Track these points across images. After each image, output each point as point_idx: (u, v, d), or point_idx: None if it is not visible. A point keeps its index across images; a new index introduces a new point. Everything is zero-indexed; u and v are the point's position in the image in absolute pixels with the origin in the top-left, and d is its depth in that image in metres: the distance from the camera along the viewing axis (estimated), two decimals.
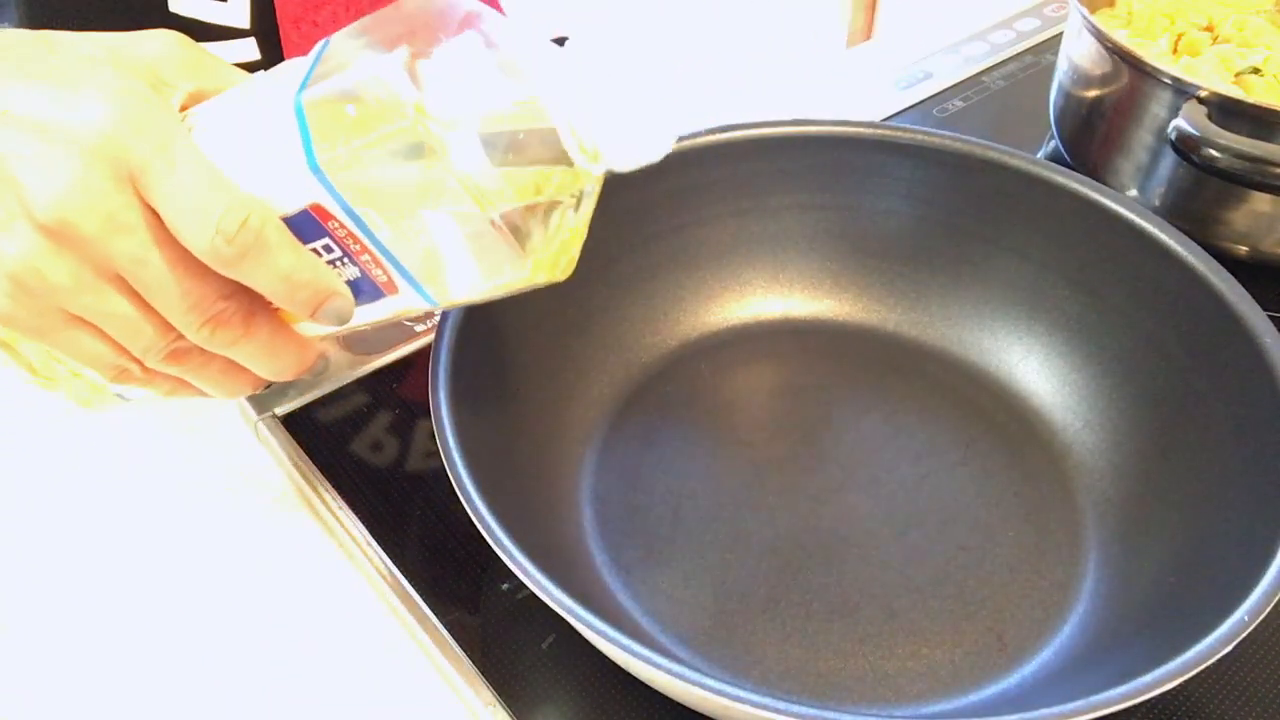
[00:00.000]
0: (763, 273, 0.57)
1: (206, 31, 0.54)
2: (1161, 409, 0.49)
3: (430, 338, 0.50)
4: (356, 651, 0.46)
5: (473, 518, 0.38)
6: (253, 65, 0.54)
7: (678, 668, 0.35)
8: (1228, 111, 0.55)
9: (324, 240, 0.33)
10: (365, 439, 0.53)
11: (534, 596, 0.36)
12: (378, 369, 0.56)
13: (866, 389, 0.55)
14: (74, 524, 0.50)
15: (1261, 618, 0.36)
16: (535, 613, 0.41)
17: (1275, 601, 0.36)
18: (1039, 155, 0.61)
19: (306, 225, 0.33)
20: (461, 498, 0.39)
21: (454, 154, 0.31)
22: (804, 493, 0.50)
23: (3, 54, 0.33)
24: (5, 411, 0.55)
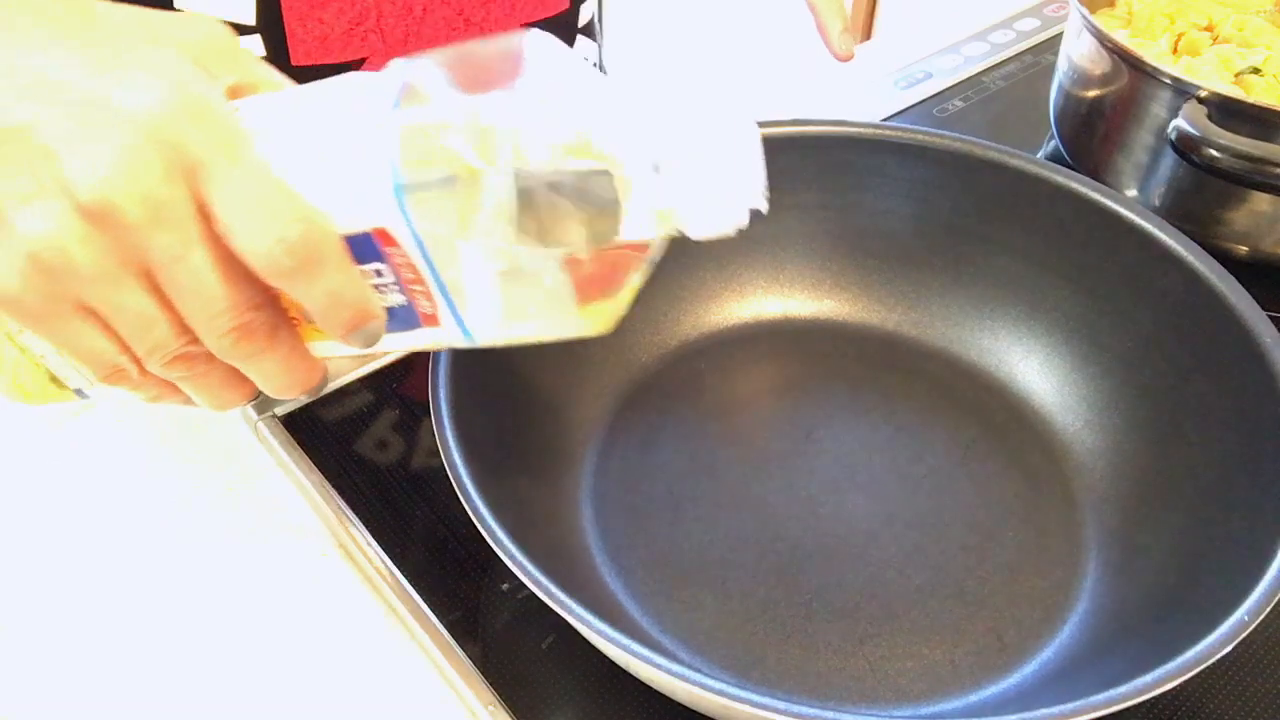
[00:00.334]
0: (763, 273, 0.57)
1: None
2: (1161, 409, 0.49)
3: None
4: (356, 651, 0.46)
5: (473, 518, 0.38)
6: None
7: (678, 668, 0.35)
8: (1228, 111, 0.55)
9: (378, 264, 0.32)
10: (366, 439, 0.53)
11: (534, 596, 0.36)
12: (378, 370, 0.56)
13: (866, 389, 0.55)
14: (74, 524, 0.50)
15: (1261, 618, 0.36)
16: (535, 613, 0.41)
17: (1275, 601, 0.36)
18: (1039, 155, 0.61)
19: (365, 247, 0.32)
20: (461, 498, 0.39)
21: (539, 201, 0.30)
22: (804, 493, 0.50)
23: (35, 15, 0.31)
24: (4, 411, 0.55)
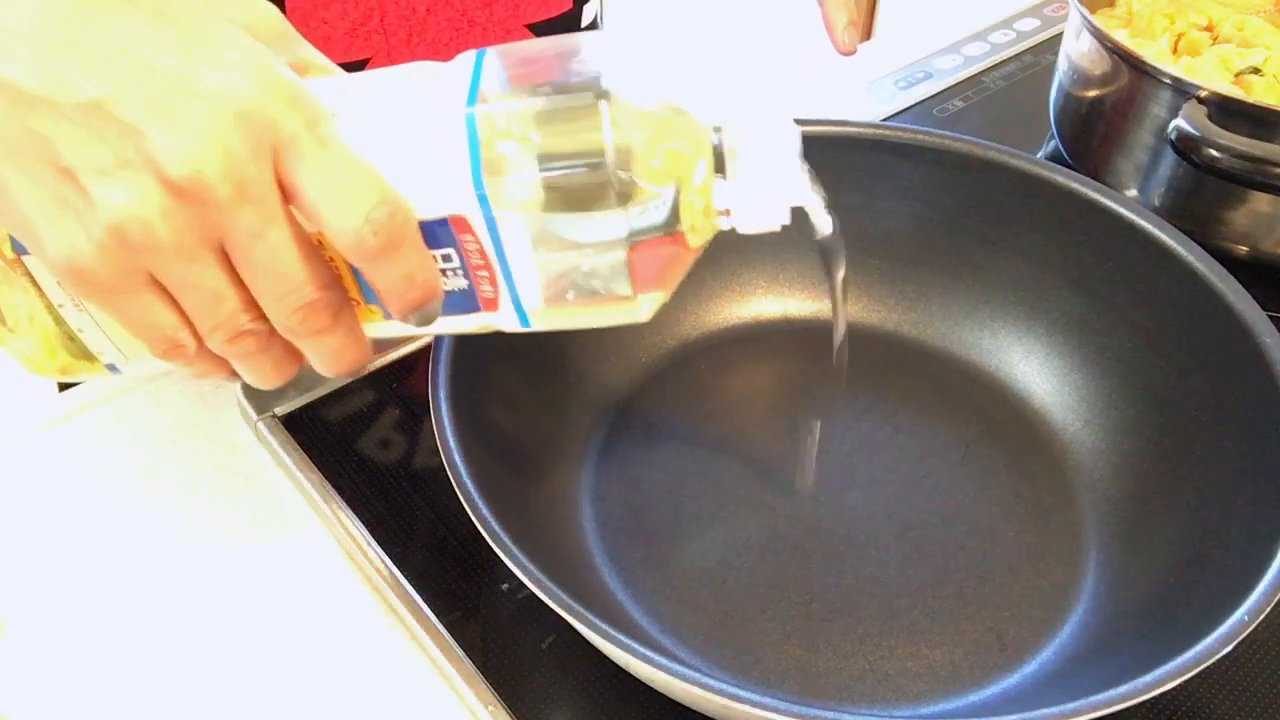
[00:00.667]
0: (763, 273, 0.57)
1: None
2: (1161, 409, 0.49)
3: (430, 338, 0.50)
4: (356, 651, 0.46)
5: (473, 518, 0.38)
6: None
7: (678, 668, 0.35)
8: (1228, 111, 0.55)
9: (449, 249, 0.33)
10: (366, 439, 0.53)
11: (534, 596, 0.36)
12: (379, 369, 0.56)
13: (866, 389, 0.55)
14: (74, 524, 0.50)
15: (1261, 618, 0.36)
16: (535, 613, 0.41)
17: (1275, 601, 0.36)
18: (1039, 155, 0.61)
19: (439, 232, 0.33)
20: (462, 498, 0.39)
21: (617, 189, 0.32)
22: (804, 493, 0.50)
23: None
24: (4, 412, 0.55)
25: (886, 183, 0.55)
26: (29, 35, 0.30)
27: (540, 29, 0.61)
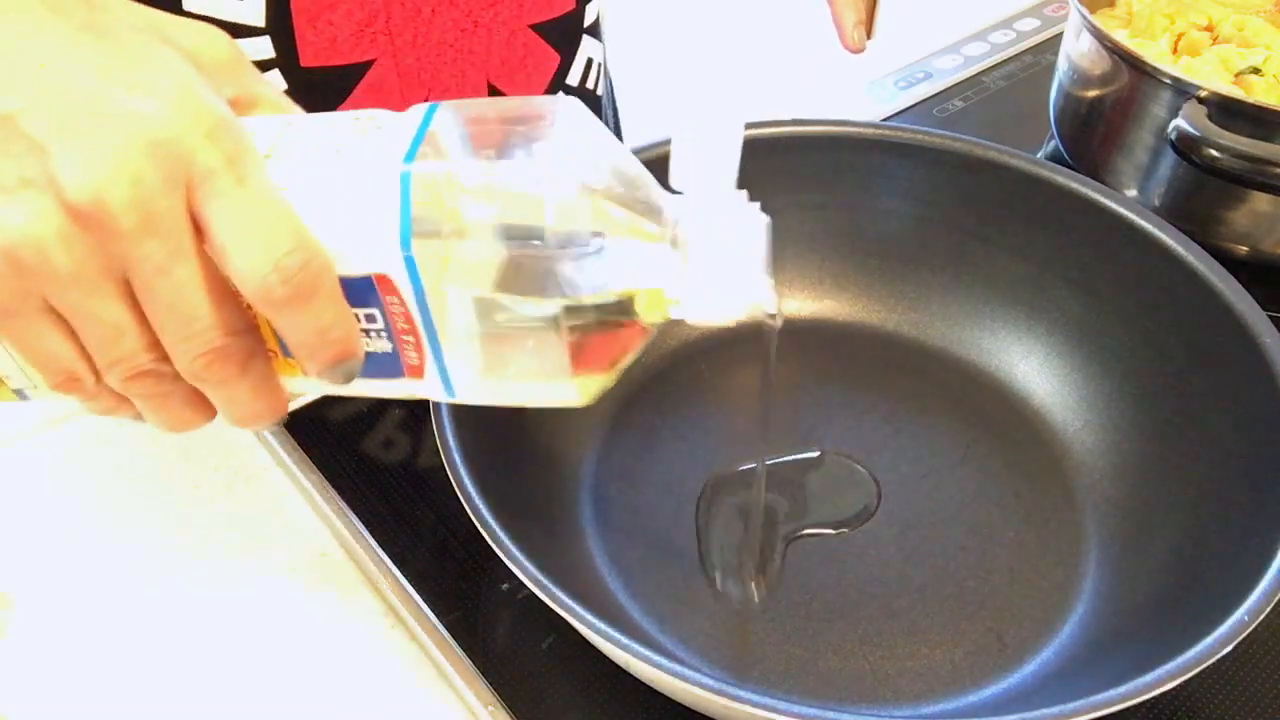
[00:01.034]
0: None
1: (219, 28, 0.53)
2: (1161, 409, 0.49)
3: None
4: (357, 651, 0.46)
5: (473, 518, 0.38)
6: (266, 64, 0.54)
7: (678, 668, 0.35)
8: (1228, 111, 0.55)
9: (372, 309, 0.32)
10: (366, 439, 0.53)
11: (534, 596, 0.36)
12: None
13: (866, 389, 0.55)
14: (74, 524, 0.50)
15: (1261, 618, 0.36)
16: (535, 613, 0.41)
17: (1275, 601, 0.36)
18: (1039, 155, 0.61)
19: (362, 291, 0.31)
20: (462, 498, 0.39)
21: (557, 269, 0.30)
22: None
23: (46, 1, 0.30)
24: (3, 413, 0.55)
25: (886, 183, 0.55)
26: None
27: (544, 29, 0.61)
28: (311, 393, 0.35)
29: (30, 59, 0.29)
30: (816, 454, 0.51)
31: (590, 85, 0.67)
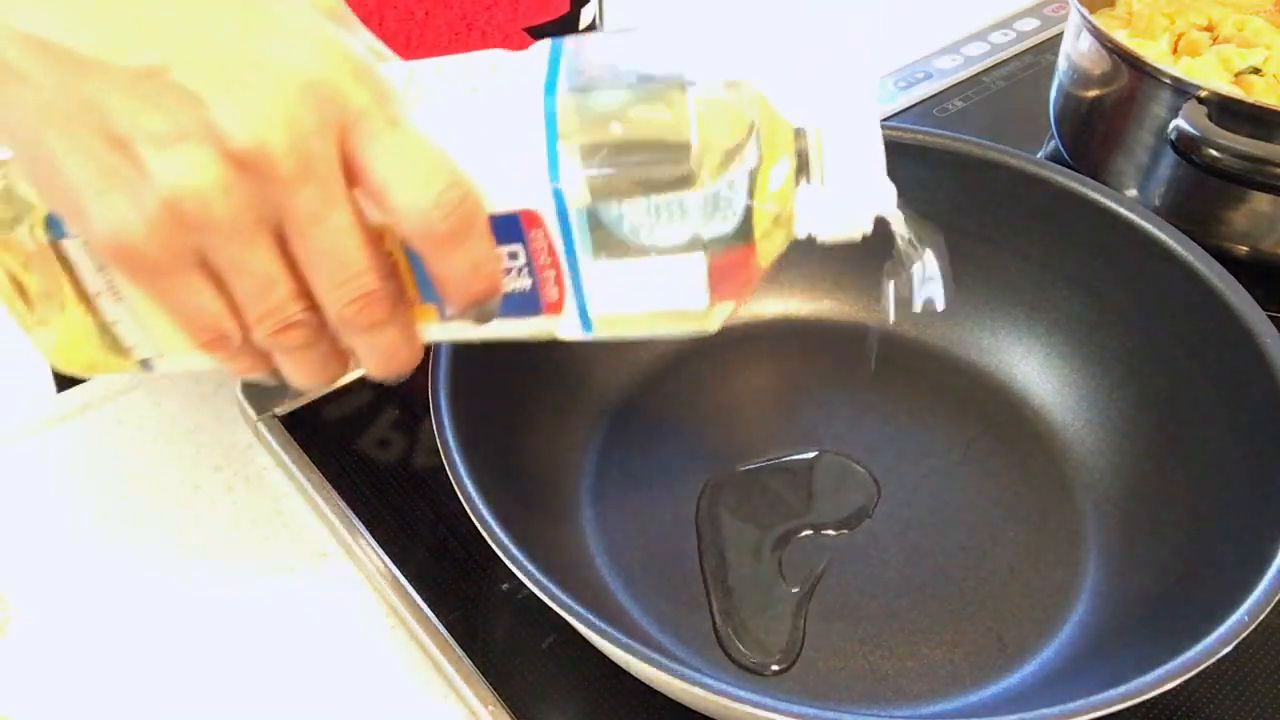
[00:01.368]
0: None
1: None
2: (1161, 409, 0.49)
3: None
4: (356, 651, 0.46)
5: (473, 518, 0.38)
6: None
7: (678, 668, 0.35)
8: (1228, 111, 0.55)
9: (516, 246, 0.31)
10: (365, 439, 0.53)
11: (534, 596, 0.36)
12: None
13: (866, 389, 0.55)
14: (74, 523, 0.50)
15: (1261, 618, 0.36)
16: (535, 613, 0.41)
17: (1275, 602, 0.36)
18: (1039, 155, 0.61)
19: (509, 227, 0.31)
20: (462, 498, 0.39)
21: (700, 193, 0.30)
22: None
23: None
24: (4, 412, 0.55)
25: None
26: None
27: (538, 32, 0.61)
28: (442, 339, 0.35)
29: (171, 11, 0.28)
30: (816, 454, 0.51)
31: None
